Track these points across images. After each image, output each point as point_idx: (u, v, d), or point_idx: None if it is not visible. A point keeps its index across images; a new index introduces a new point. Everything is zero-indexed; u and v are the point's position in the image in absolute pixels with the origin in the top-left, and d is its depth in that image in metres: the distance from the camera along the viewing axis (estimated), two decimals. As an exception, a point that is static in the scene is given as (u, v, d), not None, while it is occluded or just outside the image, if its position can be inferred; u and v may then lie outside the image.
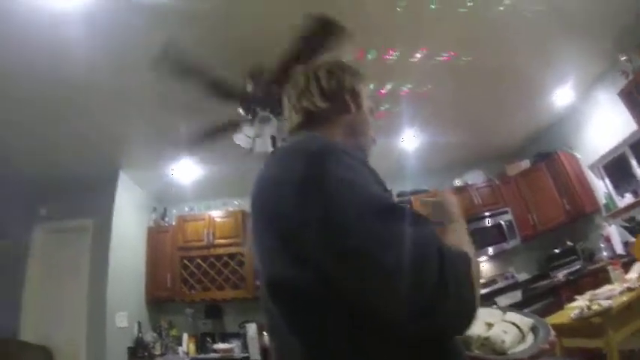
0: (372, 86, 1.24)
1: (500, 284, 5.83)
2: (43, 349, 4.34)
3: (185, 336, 5.68)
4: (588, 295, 3.23)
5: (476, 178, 6.47)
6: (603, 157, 5.26)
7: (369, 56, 3.88)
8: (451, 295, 0.74)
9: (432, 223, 0.86)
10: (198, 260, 6.02)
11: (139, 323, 5.45)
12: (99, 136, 4.74)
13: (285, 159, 0.96)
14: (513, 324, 1.22)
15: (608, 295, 3.08)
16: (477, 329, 1.20)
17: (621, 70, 4.59)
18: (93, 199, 5.45)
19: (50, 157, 4.93)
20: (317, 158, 0.86)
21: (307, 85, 1.23)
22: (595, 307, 2.86)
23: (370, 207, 0.79)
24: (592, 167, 5.48)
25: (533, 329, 1.24)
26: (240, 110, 3.88)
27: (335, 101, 1.21)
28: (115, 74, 3.75)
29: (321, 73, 1.25)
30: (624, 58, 4.50)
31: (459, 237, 1.02)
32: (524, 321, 1.25)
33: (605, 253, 5.00)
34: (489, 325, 1.23)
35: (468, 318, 0.79)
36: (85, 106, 4.13)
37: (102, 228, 5.36)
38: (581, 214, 5.39)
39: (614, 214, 5.08)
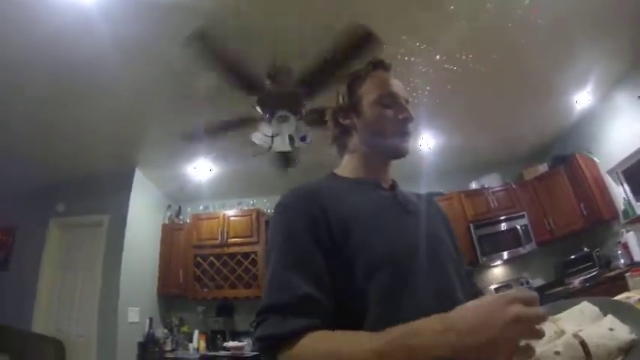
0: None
1: (514, 289, 5.72)
2: (55, 342, 4.40)
3: (196, 333, 5.71)
4: (604, 302, 3.14)
5: (493, 181, 6.38)
6: (622, 162, 5.10)
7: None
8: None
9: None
10: (212, 258, 6.05)
11: (151, 319, 5.51)
12: (115, 134, 4.82)
13: None
14: (582, 344, 0.80)
15: (624, 303, 3.00)
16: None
17: (642, 73, 4.49)
18: (109, 196, 5.53)
19: (67, 153, 5.03)
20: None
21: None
22: (611, 315, 2.77)
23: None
24: (611, 172, 5.32)
25: (629, 350, 0.78)
26: (258, 109, 3.88)
27: (338, 124, 1.35)
28: (132, 73, 3.81)
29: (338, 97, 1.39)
30: (646, 60, 4.40)
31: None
32: (618, 337, 0.79)
33: (622, 261, 4.86)
34: (560, 334, 0.86)
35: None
36: (102, 103, 4.21)
37: (117, 224, 5.43)
38: (599, 220, 5.25)
39: (633, 220, 4.93)
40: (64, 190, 5.56)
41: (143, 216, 5.89)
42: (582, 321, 0.88)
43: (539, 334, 0.70)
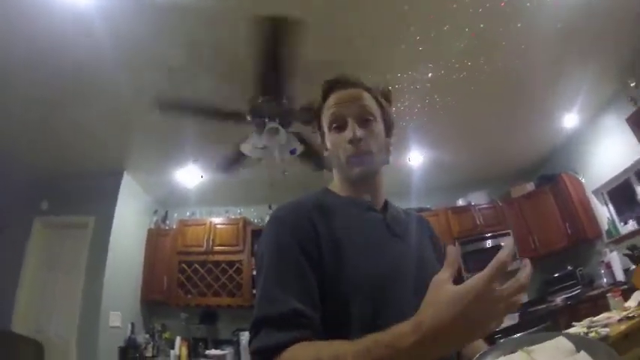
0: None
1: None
2: (34, 343, 4.30)
3: (178, 339, 5.61)
4: (586, 321, 3.16)
5: (479, 198, 6.45)
6: (608, 182, 5.22)
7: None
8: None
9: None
10: (196, 265, 6.02)
11: (133, 324, 5.42)
12: (105, 136, 4.77)
13: None
14: None
15: (606, 323, 3.02)
16: None
17: (630, 97, 4.58)
18: (95, 197, 5.45)
19: (55, 151, 4.96)
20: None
21: None
22: (592, 334, 2.79)
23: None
24: (596, 192, 5.44)
25: None
26: (249, 117, 3.90)
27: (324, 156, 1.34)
28: (124, 75, 3.78)
29: None
30: (633, 84, 4.49)
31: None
32: None
33: (605, 280, 4.95)
34: None
35: None
36: (92, 104, 4.16)
37: (102, 226, 5.36)
38: (583, 239, 5.35)
39: (616, 240, 5.03)
40: (50, 188, 5.45)
41: (129, 220, 5.82)
42: (557, 355, 0.86)
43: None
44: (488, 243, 5.96)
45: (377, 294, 1.01)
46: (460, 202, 6.53)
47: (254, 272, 5.89)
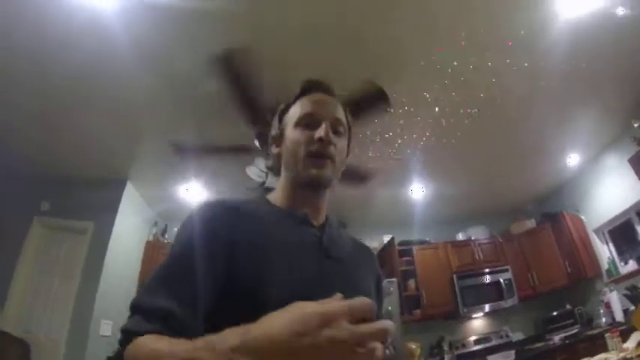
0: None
1: (494, 342, 5.70)
2: (21, 343, 4.22)
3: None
4: (584, 361, 3.13)
5: (480, 233, 6.47)
6: (609, 222, 5.26)
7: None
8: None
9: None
10: (192, 280, 5.92)
11: (123, 335, 5.31)
12: (111, 143, 4.78)
13: None
14: None
15: (603, 364, 2.99)
16: None
17: (633, 137, 4.65)
18: (97, 204, 5.39)
19: (60, 153, 4.95)
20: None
21: None
22: (590, 374, 2.76)
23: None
24: (597, 231, 5.46)
25: None
26: (257, 142, 3.93)
27: (271, 154, 1.28)
28: (139, 84, 3.84)
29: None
30: (637, 124, 4.56)
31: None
32: None
33: (604, 320, 4.90)
34: None
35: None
36: (105, 110, 4.19)
37: (101, 233, 5.28)
38: (583, 277, 5.33)
39: (616, 280, 5.02)
40: (52, 188, 5.40)
41: (129, 230, 5.76)
42: None
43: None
44: (487, 278, 5.93)
45: None
46: (460, 237, 6.54)
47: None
